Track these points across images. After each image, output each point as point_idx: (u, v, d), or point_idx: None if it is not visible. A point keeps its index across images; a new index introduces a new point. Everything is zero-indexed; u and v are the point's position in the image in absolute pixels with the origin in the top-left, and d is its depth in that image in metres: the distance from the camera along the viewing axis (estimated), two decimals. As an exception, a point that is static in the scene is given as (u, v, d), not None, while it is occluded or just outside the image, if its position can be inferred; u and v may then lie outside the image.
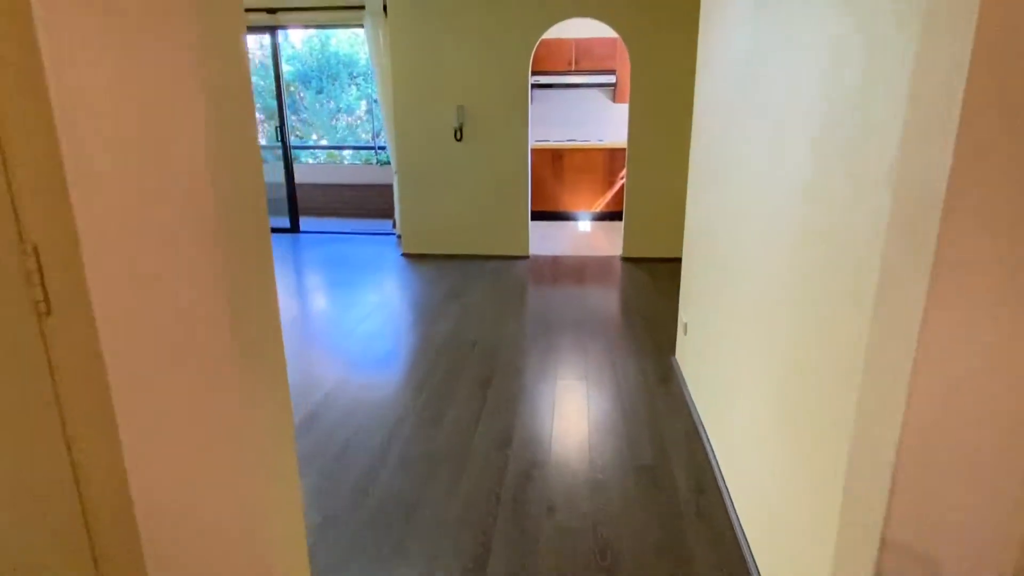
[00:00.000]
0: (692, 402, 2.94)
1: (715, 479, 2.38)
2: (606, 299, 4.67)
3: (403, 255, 5.99)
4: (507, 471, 2.46)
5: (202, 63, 0.96)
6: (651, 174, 5.55)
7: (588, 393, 3.13)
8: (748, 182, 2.09)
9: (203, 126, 0.97)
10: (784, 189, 1.71)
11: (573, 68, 7.33)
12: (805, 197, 1.56)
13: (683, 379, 3.19)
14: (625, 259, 5.76)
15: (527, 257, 5.87)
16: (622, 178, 7.41)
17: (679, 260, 5.54)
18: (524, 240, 5.85)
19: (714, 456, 2.48)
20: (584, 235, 6.85)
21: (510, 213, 5.79)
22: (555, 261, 5.76)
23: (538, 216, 7.49)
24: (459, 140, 5.63)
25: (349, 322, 4.22)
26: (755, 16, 2.07)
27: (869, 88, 1.23)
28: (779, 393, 1.74)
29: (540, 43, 5.49)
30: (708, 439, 2.60)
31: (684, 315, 3.28)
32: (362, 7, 5.99)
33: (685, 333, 3.21)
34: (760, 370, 1.92)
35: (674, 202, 5.50)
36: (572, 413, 2.94)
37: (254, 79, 9.77)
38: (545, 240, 6.56)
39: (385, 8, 5.77)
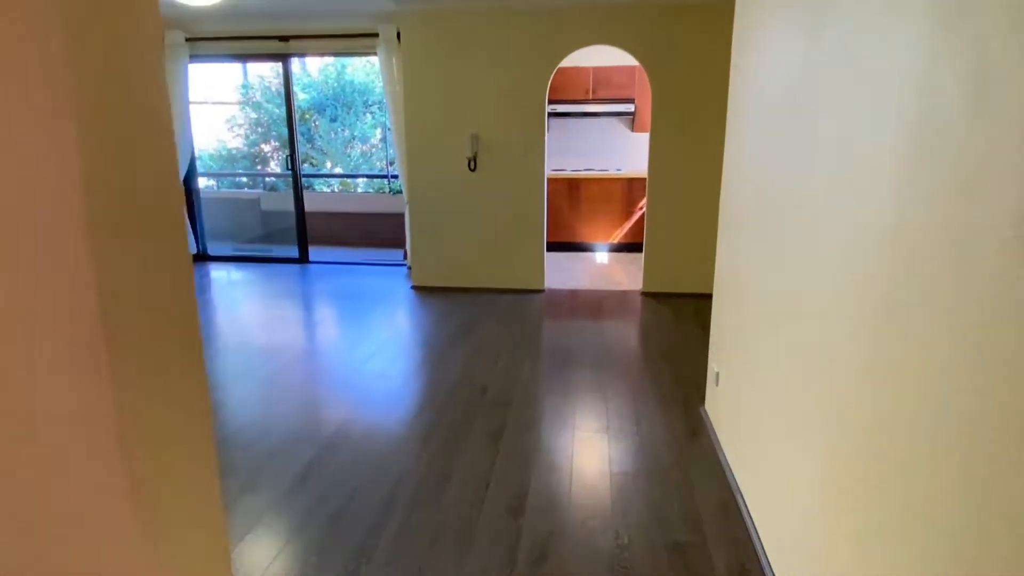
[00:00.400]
0: (727, 463, 2.65)
1: (758, 560, 2.08)
2: (626, 338, 4.40)
3: (413, 288, 5.77)
4: (520, 546, 2.17)
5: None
6: (673, 205, 5.31)
7: (610, 449, 2.85)
8: (802, 227, 1.83)
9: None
10: (857, 239, 1.45)
11: (591, 97, 7.16)
12: (888, 250, 1.30)
13: (715, 435, 2.90)
14: (645, 294, 5.49)
15: (542, 291, 5.62)
16: (641, 209, 7.18)
17: (704, 296, 5.26)
18: (539, 273, 5.61)
19: (756, 532, 2.19)
20: (601, 267, 6.60)
21: (525, 245, 5.56)
22: (572, 295, 5.51)
23: (553, 247, 7.26)
24: (473, 170, 5.44)
25: (355, 360, 3.98)
26: (808, 40, 1.83)
27: (978, 117, 0.98)
28: (843, 474, 1.46)
29: (557, 71, 5.32)
30: (748, 510, 2.30)
31: (715, 363, 3.00)
32: (375, 35, 5.87)
33: (717, 384, 2.92)
34: (819, 442, 1.64)
35: (697, 235, 5.25)
36: (592, 473, 2.66)
37: (269, 107, 9.72)
38: (561, 272, 6.32)
39: (399, 36, 5.64)
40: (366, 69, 10.41)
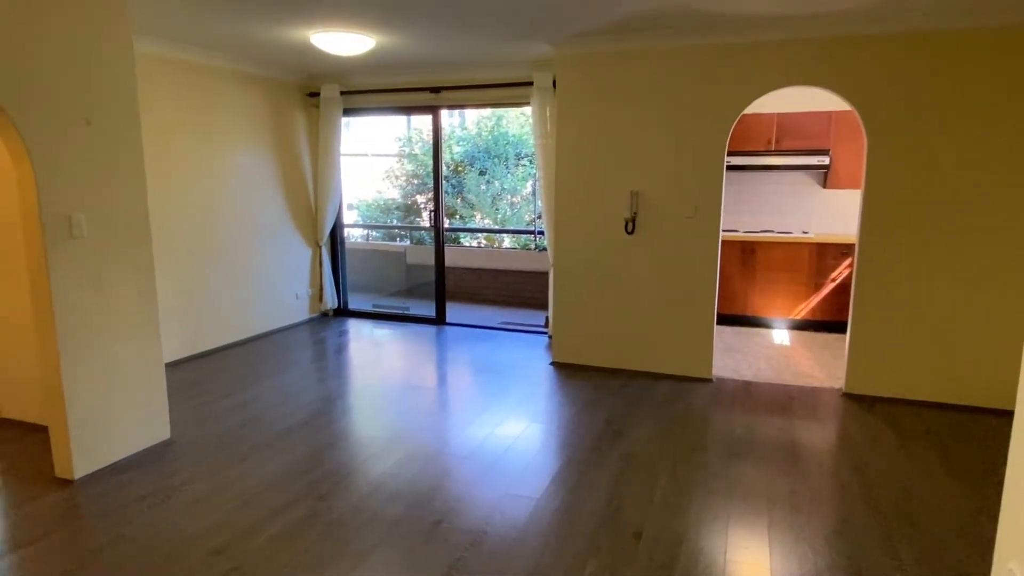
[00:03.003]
0: None
1: None
2: (833, 467, 3.28)
3: (553, 364, 5.01)
4: None
5: None
6: (893, 282, 4.11)
7: None
8: None
9: None
10: None
11: (773, 147, 6.11)
12: None
13: None
14: (849, 396, 4.28)
15: (710, 380, 4.60)
16: (834, 280, 5.92)
17: (940, 408, 3.96)
18: (707, 358, 4.61)
19: None
20: (782, 351, 5.42)
21: (690, 323, 4.60)
22: (747, 389, 4.43)
23: (720, 319, 6.19)
24: (630, 232, 4.63)
25: (478, 463, 3.26)
26: None
27: None
28: None
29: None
30: None
31: (1015, 562, 1.88)
32: (530, 83, 5.36)
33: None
34: None
35: (935, 325, 4.03)
36: None
37: (425, 159, 9.62)
38: (730, 354, 5.24)
39: (554, 84, 5.06)
40: (520, 121, 10.11)
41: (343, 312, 6.77)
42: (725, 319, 6.24)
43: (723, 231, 6.22)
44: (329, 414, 3.97)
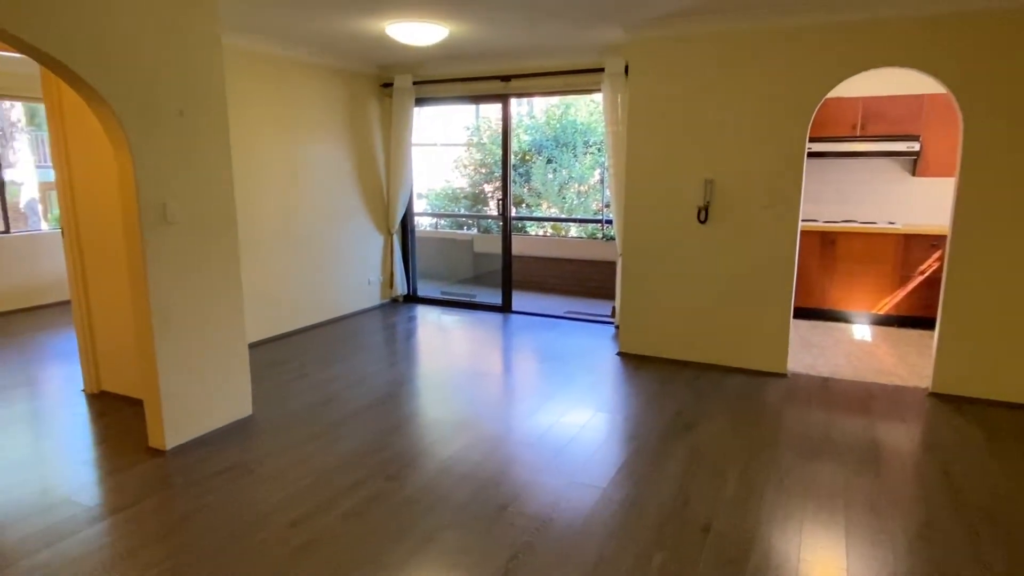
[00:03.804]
0: None
1: None
2: (917, 469, 3.11)
3: (620, 354, 4.97)
4: None
5: None
6: (988, 276, 3.84)
7: None
8: None
9: None
10: None
11: (858, 133, 5.81)
12: None
13: None
14: (936, 395, 4.05)
15: (784, 375, 4.45)
16: (923, 273, 5.59)
17: None
18: (781, 352, 4.45)
19: None
20: (863, 347, 5.17)
21: (764, 315, 4.46)
22: (825, 386, 4.26)
23: (797, 313, 5.97)
24: (703, 221, 4.52)
25: (544, 450, 3.28)
26: None
27: None
28: None
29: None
30: None
31: None
32: (600, 70, 5.29)
33: None
34: None
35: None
36: None
37: (493, 148, 9.70)
38: (807, 348, 5.04)
39: (626, 70, 4.98)
40: (590, 108, 10.00)
41: (412, 298, 6.92)
42: (802, 312, 6.01)
43: (802, 221, 5.99)
44: (398, 397, 4.07)
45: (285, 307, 5.55)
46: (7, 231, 6.86)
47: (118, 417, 3.75)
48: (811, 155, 5.94)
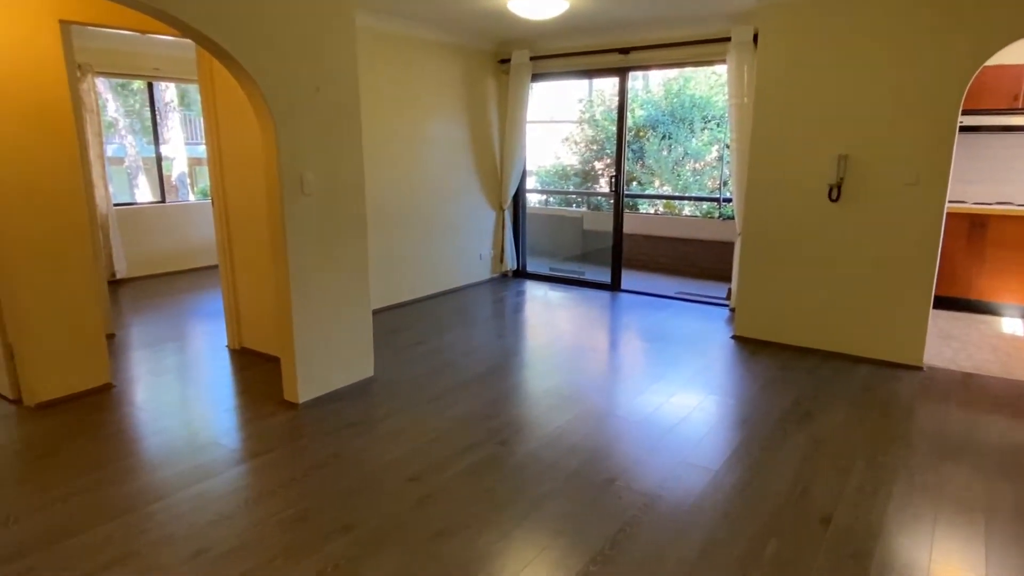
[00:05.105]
0: None
1: None
2: (1076, 477, 2.80)
3: (735, 337, 4.79)
4: None
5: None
6: None
7: None
8: None
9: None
10: None
11: (1020, 105, 5.19)
12: None
13: None
14: (1104, 400, 3.60)
15: (920, 368, 4.12)
16: (1093, 264, 4.94)
17: None
18: (918, 343, 4.12)
19: None
20: (1014, 342, 4.68)
21: (900, 303, 4.14)
22: (966, 382, 3.90)
23: (937, 302, 5.48)
24: (834, 200, 4.24)
25: (652, 429, 3.26)
26: None
27: None
28: None
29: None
30: None
31: None
32: (727, 39, 5.05)
33: None
34: None
35: None
36: None
37: (605, 123, 9.56)
38: (947, 341, 4.63)
39: (755, 39, 4.73)
40: (710, 81, 9.58)
41: (521, 274, 7.01)
42: (942, 302, 5.51)
43: (948, 202, 5.48)
44: (507, 368, 4.17)
45: (403, 278, 5.81)
46: (163, 201, 7.63)
47: (256, 371, 4.11)
48: (962, 129, 5.39)
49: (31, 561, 2.21)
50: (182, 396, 3.74)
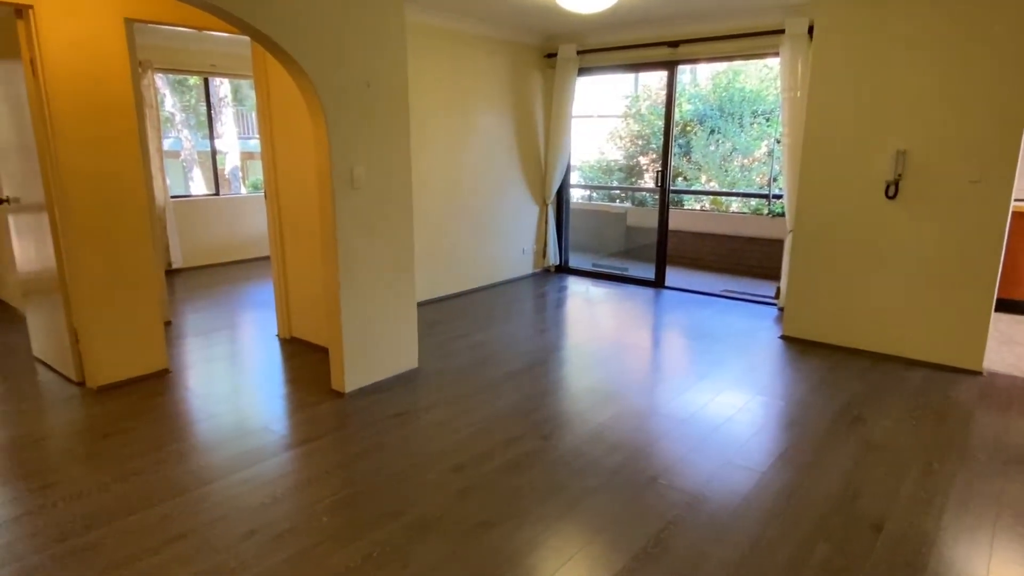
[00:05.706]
0: None
1: None
2: None
3: (783, 337, 4.69)
4: None
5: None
6: None
7: None
8: None
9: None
10: None
11: (1097, 97, 4.90)
12: None
13: None
14: None
15: (979, 373, 3.96)
16: None
17: None
18: (978, 348, 3.96)
19: None
20: (1084, 349, 4.44)
21: (959, 305, 3.98)
22: (1031, 389, 3.73)
23: (1000, 305, 5.25)
24: (891, 197, 4.09)
25: (696, 428, 3.22)
26: None
27: None
28: None
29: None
30: None
31: None
32: (780, 31, 4.92)
33: None
34: None
35: None
36: None
37: (651, 118, 9.44)
38: (1010, 346, 4.44)
39: (810, 30, 4.59)
40: (760, 75, 9.36)
41: (564, 269, 7.00)
42: (1005, 305, 5.28)
43: (1014, 200, 5.23)
44: (549, 363, 4.18)
45: (447, 271, 5.87)
46: (216, 193, 7.88)
47: (305, 360, 4.21)
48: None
49: (98, 535, 2.32)
50: (234, 383, 3.87)
